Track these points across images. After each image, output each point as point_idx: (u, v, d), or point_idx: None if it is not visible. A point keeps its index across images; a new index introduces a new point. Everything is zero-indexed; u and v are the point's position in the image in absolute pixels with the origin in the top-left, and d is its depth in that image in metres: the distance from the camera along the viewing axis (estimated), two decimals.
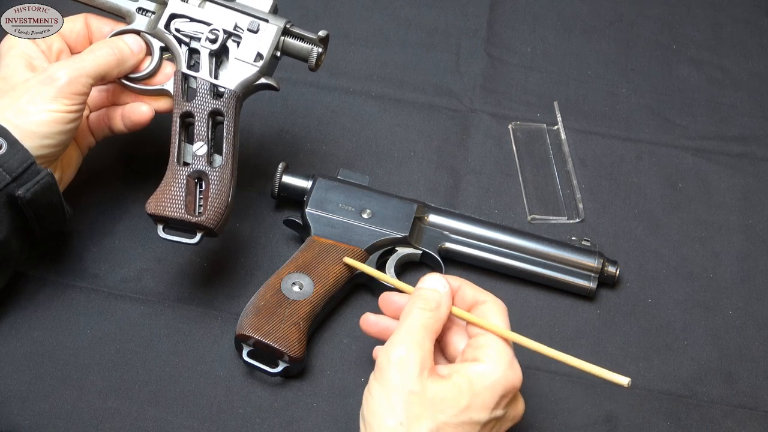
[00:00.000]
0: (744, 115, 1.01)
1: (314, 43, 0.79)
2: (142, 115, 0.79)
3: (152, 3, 0.80)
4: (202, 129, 0.77)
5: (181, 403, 0.78)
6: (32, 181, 0.73)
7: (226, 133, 0.77)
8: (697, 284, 0.88)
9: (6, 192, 0.72)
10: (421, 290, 0.71)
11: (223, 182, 0.76)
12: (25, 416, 0.76)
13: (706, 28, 1.08)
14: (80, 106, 0.75)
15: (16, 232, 0.75)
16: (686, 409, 0.81)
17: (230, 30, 0.79)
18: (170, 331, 0.81)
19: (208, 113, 0.77)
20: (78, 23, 0.81)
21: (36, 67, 0.77)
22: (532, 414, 0.80)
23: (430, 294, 0.70)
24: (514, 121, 0.98)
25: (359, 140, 0.96)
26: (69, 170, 0.80)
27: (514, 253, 0.86)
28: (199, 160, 0.77)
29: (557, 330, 0.85)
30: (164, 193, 0.76)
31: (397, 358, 0.66)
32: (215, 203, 0.76)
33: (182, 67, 0.78)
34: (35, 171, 0.73)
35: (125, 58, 0.78)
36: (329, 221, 0.84)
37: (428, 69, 1.02)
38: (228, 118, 0.77)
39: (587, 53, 1.05)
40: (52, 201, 0.75)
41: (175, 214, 0.75)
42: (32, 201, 0.73)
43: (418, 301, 0.70)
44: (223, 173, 0.76)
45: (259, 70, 0.78)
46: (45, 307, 0.81)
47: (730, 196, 0.94)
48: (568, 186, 0.94)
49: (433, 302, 0.70)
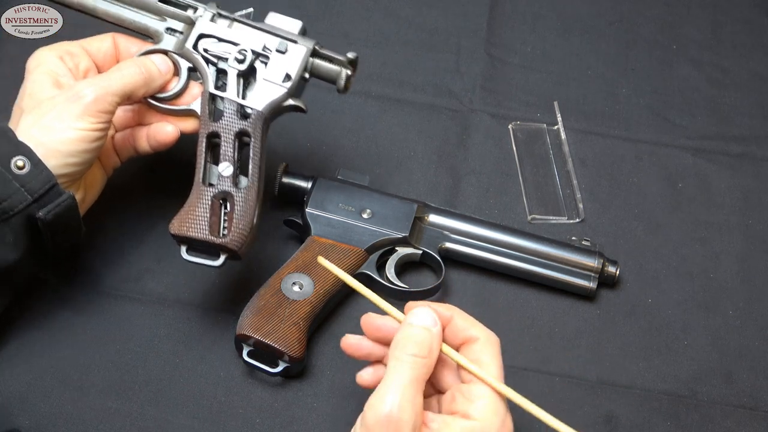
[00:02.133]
0: (744, 115, 1.01)
1: (343, 65, 0.79)
2: (167, 136, 0.78)
3: (180, 23, 0.79)
4: (228, 150, 0.76)
5: (181, 403, 0.78)
6: (53, 203, 0.72)
7: (252, 155, 0.76)
8: (697, 284, 0.88)
9: (26, 213, 0.71)
10: (410, 329, 0.64)
11: (248, 204, 0.75)
12: (25, 416, 0.76)
13: (706, 28, 1.08)
14: (106, 124, 0.74)
15: (32, 252, 0.74)
16: (686, 409, 0.81)
17: (258, 51, 0.78)
18: (170, 331, 0.81)
19: (235, 134, 0.76)
20: (106, 42, 0.80)
21: (62, 84, 0.76)
22: (532, 414, 0.80)
23: (420, 335, 0.64)
24: (514, 121, 0.98)
25: (359, 140, 0.96)
26: (93, 190, 0.80)
27: (514, 253, 0.86)
28: (224, 180, 0.76)
29: (557, 330, 0.85)
30: (188, 214, 0.75)
31: (386, 418, 0.60)
32: (240, 225, 0.75)
33: (209, 88, 0.78)
34: (57, 192, 0.72)
35: (152, 78, 0.77)
36: (329, 221, 0.84)
37: (428, 69, 1.02)
38: (255, 139, 0.77)
39: (587, 53, 1.05)
40: (70, 223, 0.75)
41: (199, 235, 0.74)
42: (52, 223, 0.72)
43: (408, 345, 0.63)
44: (248, 195, 0.75)
45: (287, 91, 0.78)
46: (45, 307, 0.81)
47: (730, 196, 0.94)
48: (568, 186, 0.94)
49: (425, 347, 0.63)
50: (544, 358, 0.83)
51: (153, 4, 0.79)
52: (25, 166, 0.71)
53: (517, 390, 0.81)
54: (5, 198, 0.71)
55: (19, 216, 0.71)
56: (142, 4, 0.79)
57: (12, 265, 0.73)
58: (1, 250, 0.72)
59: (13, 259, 0.72)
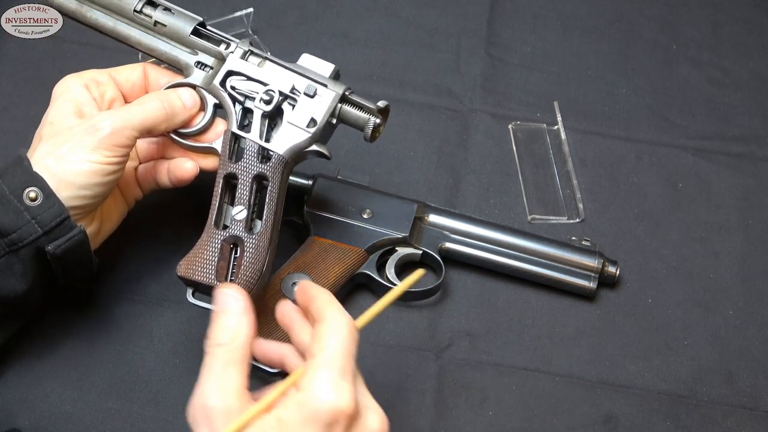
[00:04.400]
0: (744, 115, 1.01)
1: (372, 113, 0.76)
2: (186, 172, 0.76)
3: (211, 57, 0.77)
4: (244, 193, 0.73)
5: (181, 403, 0.77)
6: (64, 238, 0.71)
7: (269, 199, 0.73)
8: (697, 284, 0.88)
9: (36, 245, 0.71)
10: (214, 317, 0.63)
11: (259, 251, 0.73)
12: (25, 416, 0.76)
13: (706, 28, 1.08)
14: (122, 158, 0.73)
15: (41, 283, 0.74)
16: (686, 409, 0.81)
17: (286, 92, 0.75)
18: (170, 332, 0.81)
19: (253, 177, 0.74)
20: (136, 72, 0.78)
21: (85, 113, 0.74)
22: (532, 414, 0.80)
23: (218, 323, 0.63)
24: (514, 121, 0.98)
25: (359, 140, 0.96)
26: (109, 223, 0.78)
27: (514, 253, 0.86)
28: (237, 224, 0.73)
29: (557, 330, 0.85)
30: (196, 257, 0.72)
31: (193, 407, 0.60)
32: (248, 272, 0.72)
33: (233, 126, 0.75)
34: (68, 227, 0.71)
35: (175, 113, 0.75)
36: (329, 221, 0.84)
37: (428, 69, 1.02)
38: (273, 183, 0.74)
39: (587, 53, 1.05)
40: (81, 257, 0.74)
41: (205, 279, 0.72)
42: (61, 257, 0.72)
43: (211, 335, 0.62)
44: (260, 241, 0.73)
45: (311, 136, 0.75)
46: (44, 307, 0.81)
47: (730, 196, 0.94)
48: (568, 186, 0.94)
49: (222, 334, 0.62)
50: (544, 358, 0.83)
51: (185, 37, 0.77)
52: (37, 198, 0.70)
53: (516, 390, 0.81)
54: (15, 229, 0.70)
55: (29, 248, 0.71)
56: (175, 35, 0.77)
57: (21, 296, 0.72)
58: (10, 280, 0.71)
59: (22, 290, 0.72)
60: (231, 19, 1.01)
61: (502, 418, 0.79)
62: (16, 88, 0.97)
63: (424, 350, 0.83)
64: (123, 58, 0.99)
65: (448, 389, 0.81)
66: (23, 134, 0.93)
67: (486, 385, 0.81)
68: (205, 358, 0.61)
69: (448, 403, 0.80)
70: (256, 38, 1.02)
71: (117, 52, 1.00)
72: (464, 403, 0.80)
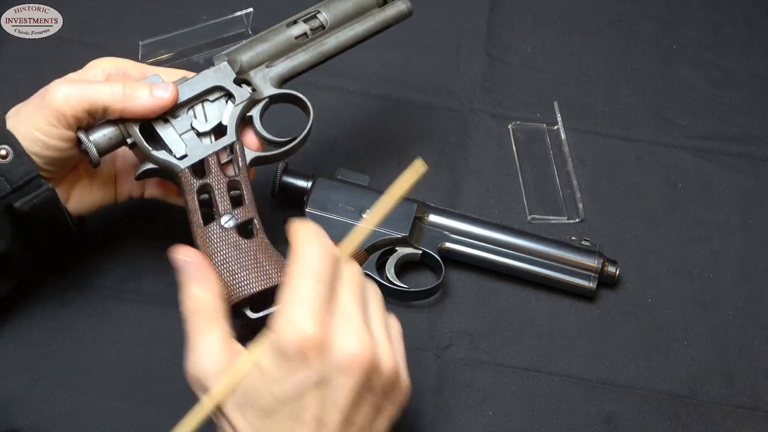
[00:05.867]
0: (744, 115, 1.01)
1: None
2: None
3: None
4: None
5: (182, 403, 0.78)
6: (31, 195, 0.71)
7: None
8: (697, 284, 0.88)
9: (5, 202, 0.71)
10: (181, 285, 0.64)
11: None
12: (24, 417, 0.76)
13: (706, 28, 1.08)
14: (67, 131, 0.71)
15: (21, 243, 0.74)
16: (686, 409, 0.81)
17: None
18: (170, 332, 0.81)
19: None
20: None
21: None
22: (532, 414, 0.80)
23: (187, 288, 0.63)
24: (514, 121, 0.98)
25: (359, 140, 0.96)
26: (80, 201, 0.77)
27: (514, 253, 0.86)
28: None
29: (557, 330, 0.85)
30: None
31: (189, 378, 0.62)
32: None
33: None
34: (37, 185, 0.71)
35: (134, 99, 0.72)
36: (329, 221, 0.84)
37: (428, 69, 1.02)
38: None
39: (587, 53, 1.05)
40: (53, 215, 0.74)
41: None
42: (30, 214, 0.72)
43: (182, 299, 0.63)
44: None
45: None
46: (44, 308, 0.81)
47: (730, 196, 0.94)
48: (568, 186, 0.94)
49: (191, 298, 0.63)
50: (544, 358, 0.83)
51: None
52: (8, 156, 0.70)
53: (516, 390, 0.82)
54: None
55: (0, 204, 0.71)
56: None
57: (4, 251, 0.73)
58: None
59: (1, 249, 0.72)
60: (231, 19, 1.01)
61: (502, 418, 0.79)
62: (16, 88, 0.96)
63: (424, 350, 0.83)
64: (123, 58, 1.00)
65: (448, 389, 0.81)
66: None
67: (486, 385, 0.81)
68: (185, 325, 0.62)
69: (448, 403, 0.80)
70: None
71: (117, 52, 1.00)
72: (464, 403, 0.80)
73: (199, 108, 0.75)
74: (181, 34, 0.99)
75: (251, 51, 0.78)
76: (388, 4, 0.83)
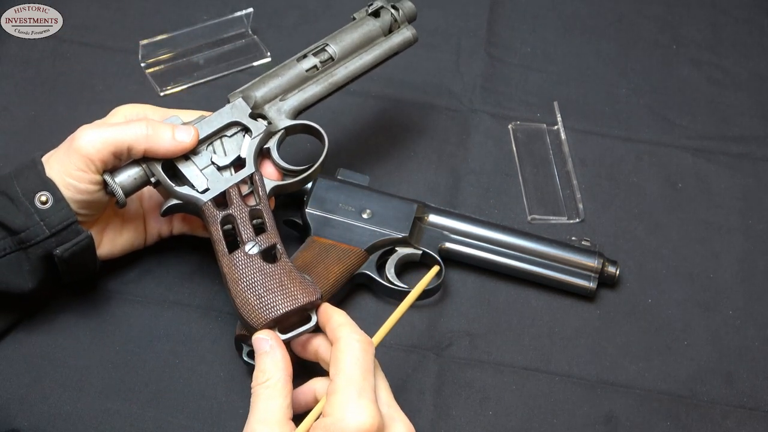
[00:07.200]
0: (744, 115, 1.01)
1: None
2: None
3: None
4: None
5: (182, 403, 0.78)
6: (71, 242, 0.73)
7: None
8: (697, 284, 0.88)
9: (44, 246, 0.73)
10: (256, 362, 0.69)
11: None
12: (24, 418, 0.76)
13: (706, 28, 1.08)
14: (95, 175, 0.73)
15: (46, 282, 0.76)
16: (686, 409, 0.81)
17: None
18: (170, 332, 0.81)
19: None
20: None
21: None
22: (532, 414, 0.80)
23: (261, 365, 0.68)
24: (514, 121, 0.98)
25: (359, 140, 0.96)
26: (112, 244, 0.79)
27: (514, 253, 0.86)
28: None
29: (557, 330, 0.85)
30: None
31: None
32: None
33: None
34: (75, 231, 0.73)
35: (158, 139, 0.74)
36: (329, 221, 0.84)
37: (428, 69, 1.02)
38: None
39: (587, 53, 1.05)
40: (86, 260, 0.76)
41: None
42: (68, 260, 0.74)
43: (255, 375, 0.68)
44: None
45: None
46: (44, 309, 0.81)
47: (730, 196, 0.94)
48: (568, 186, 0.94)
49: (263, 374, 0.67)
50: (544, 357, 0.83)
51: None
52: (48, 202, 0.72)
53: (516, 390, 0.82)
54: (25, 229, 0.72)
55: (38, 248, 0.73)
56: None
57: (26, 294, 0.75)
58: (19, 278, 0.74)
59: (29, 288, 0.74)
60: (231, 19, 1.01)
61: (502, 417, 0.79)
62: (16, 88, 0.97)
63: (425, 350, 0.83)
64: (122, 58, 1.00)
65: (448, 389, 0.81)
66: (23, 134, 0.93)
67: (486, 385, 0.81)
68: (251, 398, 0.67)
69: (448, 402, 0.80)
70: (256, 38, 1.02)
71: (117, 52, 1.00)
72: (464, 403, 0.80)
73: (218, 143, 0.78)
74: (181, 34, 0.99)
75: (264, 87, 0.80)
76: (393, 33, 0.86)
